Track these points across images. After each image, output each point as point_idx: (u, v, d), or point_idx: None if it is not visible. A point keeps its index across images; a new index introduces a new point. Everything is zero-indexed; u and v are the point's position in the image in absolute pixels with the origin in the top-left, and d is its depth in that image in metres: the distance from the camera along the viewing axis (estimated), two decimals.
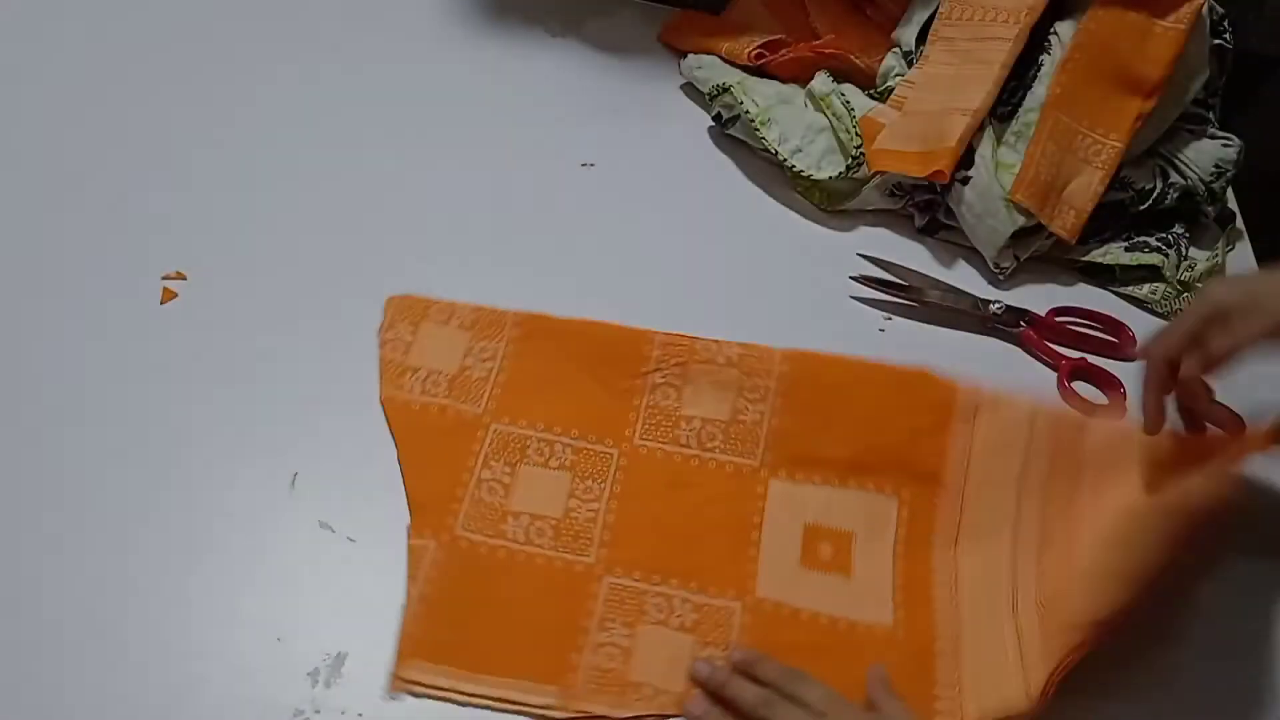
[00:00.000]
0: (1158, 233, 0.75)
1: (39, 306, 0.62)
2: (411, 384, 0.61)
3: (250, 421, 0.59)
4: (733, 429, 0.61)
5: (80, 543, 0.53)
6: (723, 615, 0.55)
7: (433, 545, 0.55)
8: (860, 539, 0.58)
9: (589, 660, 0.52)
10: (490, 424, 0.60)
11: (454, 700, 0.50)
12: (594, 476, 0.59)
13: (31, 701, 0.48)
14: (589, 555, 0.56)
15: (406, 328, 0.63)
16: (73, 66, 0.76)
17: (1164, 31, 0.72)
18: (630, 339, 0.64)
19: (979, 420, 0.62)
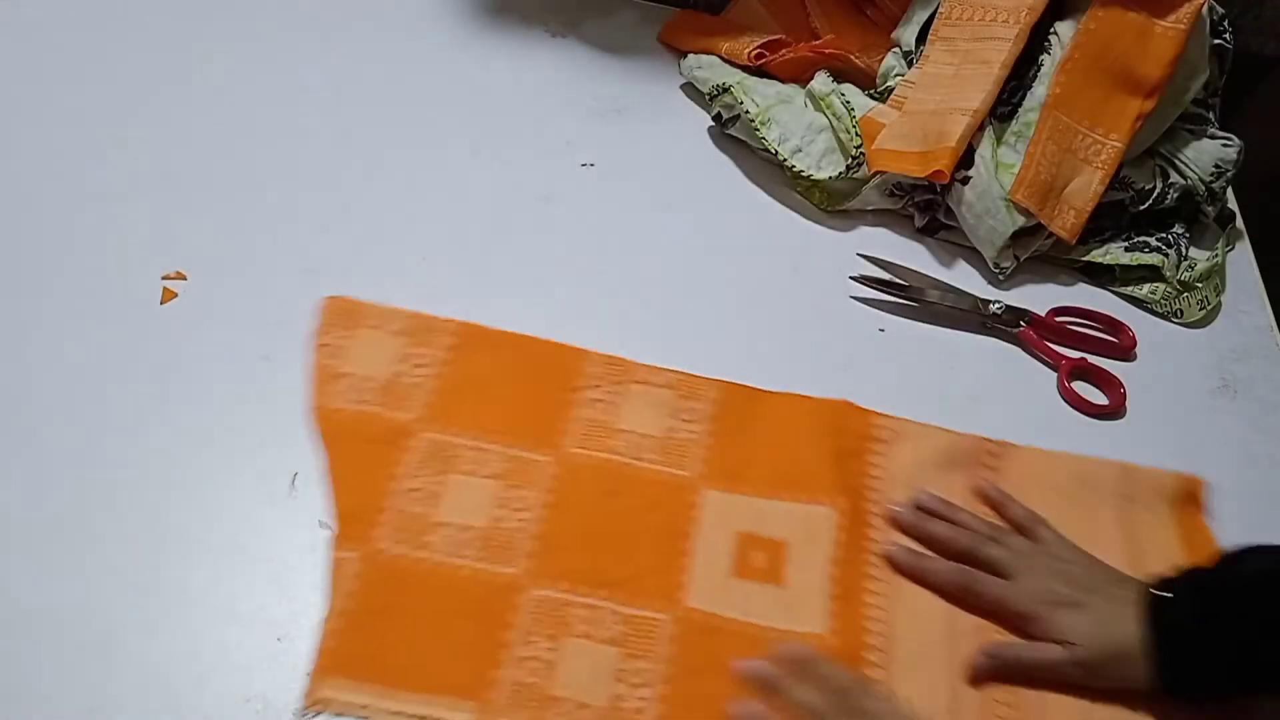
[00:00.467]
0: (1158, 233, 0.75)
1: (39, 306, 0.62)
2: (343, 390, 0.59)
3: (250, 421, 0.59)
4: (667, 444, 0.60)
5: (80, 542, 0.53)
6: (650, 626, 0.53)
7: (355, 558, 0.53)
8: (794, 548, 0.57)
9: (510, 675, 0.51)
10: (421, 432, 0.59)
11: (370, 718, 0.49)
12: (526, 485, 0.57)
13: (31, 701, 0.48)
14: (515, 567, 0.54)
15: (340, 333, 0.62)
16: (71, 66, 0.76)
17: (1164, 31, 0.72)
18: (567, 355, 0.63)
19: (899, 446, 0.62)
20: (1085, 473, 0.63)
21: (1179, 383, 0.70)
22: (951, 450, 0.62)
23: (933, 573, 0.57)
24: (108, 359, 0.60)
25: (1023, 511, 0.59)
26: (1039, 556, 0.57)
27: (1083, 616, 0.53)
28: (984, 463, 0.62)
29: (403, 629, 0.52)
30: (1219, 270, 0.75)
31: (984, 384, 0.67)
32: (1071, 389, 0.68)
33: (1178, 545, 0.60)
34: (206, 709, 0.49)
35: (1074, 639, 0.53)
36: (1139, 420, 0.67)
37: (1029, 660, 0.53)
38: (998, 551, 0.56)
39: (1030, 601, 0.54)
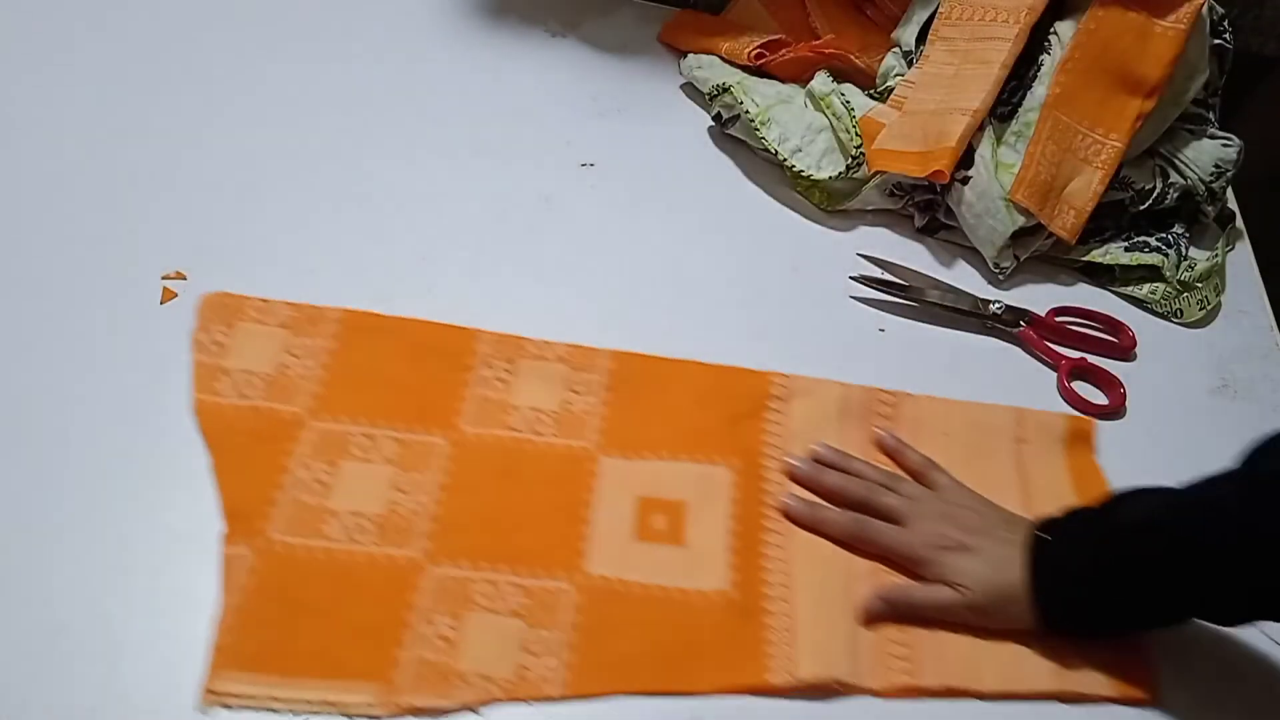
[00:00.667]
0: (1157, 233, 0.75)
1: (38, 305, 0.62)
2: (225, 387, 0.59)
3: None
4: (563, 417, 0.61)
5: (81, 542, 0.53)
6: (552, 597, 0.54)
7: (248, 553, 0.53)
8: (694, 507, 0.58)
9: (413, 654, 0.51)
10: (309, 422, 0.58)
11: (272, 709, 0.48)
12: (419, 468, 0.57)
13: (31, 701, 0.48)
14: (413, 549, 0.54)
15: (220, 329, 0.61)
16: (74, 66, 0.76)
17: (1164, 31, 0.72)
18: (458, 336, 0.63)
19: (794, 403, 0.63)
20: (979, 418, 0.65)
21: (1179, 383, 0.70)
22: (845, 402, 0.64)
23: (828, 522, 0.58)
24: (108, 358, 0.60)
25: (918, 458, 0.61)
26: (932, 501, 0.58)
27: (972, 560, 0.55)
28: (878, 412, 0.64)
29: (300, 618, 0.51)
30: (1219, 270, 0.75)
31: (984, 384, 0.67)
32: (1071, 389, 0.68)
33: (1070, 485, 0.62)
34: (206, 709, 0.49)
35: (964, 582, 0.55)
36: (1139, 420, 0.67)
37: (921, 602, 0.55)
38: (892, 499, 0.58)
39: (922, 546, 0.56)
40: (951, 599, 0.55)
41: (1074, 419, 0.65)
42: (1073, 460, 0.64)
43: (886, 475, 0.60)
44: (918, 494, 0.59)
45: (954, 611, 0.55)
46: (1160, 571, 0.51)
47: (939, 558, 0.55)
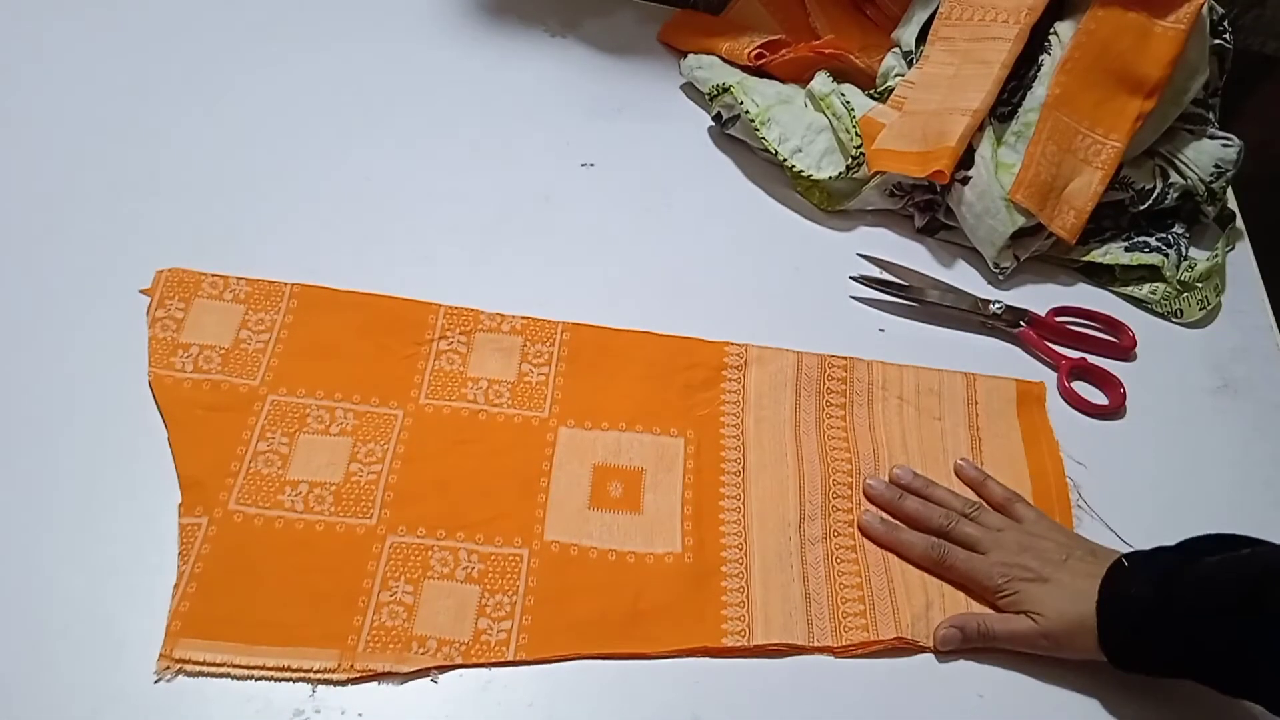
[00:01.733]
0: (1157, 233, 0.75)
1: (38, 305, 0.62)
2: (182, 362, 0.59)
3: None
4: (519, 388, 0.62)
5: (80, 542, 0.53)
6: (510, 563, 0.55)
7: (205, 522, 0.54)
8: (650, 474, 0.60)
9: (371, 620, 0.52)
10: (267, 395, 0.59)
11: (231, 675, 0.50)
12: (376, 439, 0.58)
13: (30, 701, 0.48)
14: (370, 518, 0.55)
15: (177, 304, 0.62)
16: (70, 65, 0.76)
17: (1164, 31, 0.72)
18: (413, 310, 0.64)
19: (749, 371, 0.65)
20: (930, 383, 0.66)
21: (1179, 383, 0.70)
22: (799, 369, 0.65)
23: (906, 545, 0.58)
24: (109, 358, 0.60)
25: (1001, 490, 0.61)
26: (1013, 532, 0.58)
27: (1049, 590, 0.55)
28: (832, 377, 0.65)
29: (259, 586, 0.52)
30: (1219, 270, 0.75)
31: None
32: (1071, 389, 0.68)
33: (1020, 445, 0.64)
34: (206, 709, 0.49)
35: (1040, 611, 0.54)
36: (1139, 420, 0.67)
37: (998, 633, 0.55)
38: (972, 529, 0.58)
39: (1000, 577, 0.56)
40: (1028, 629, 0.54)
41: (1024, 382, 0.67)
42: (1025, 421, 0.65)
43: (967, 504, 0.60)
44: (999, 524, 0.59)
45: (1029, 641, 0.55)
46: (1215, 632, 0.49)
47: (1018, 588, 0.55)
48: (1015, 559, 0.56)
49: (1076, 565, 0.55)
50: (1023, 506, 0.60)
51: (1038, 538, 0.58)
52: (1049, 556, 0.56)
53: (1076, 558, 0.56)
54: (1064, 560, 0.56)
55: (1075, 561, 0.56)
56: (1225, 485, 0.65)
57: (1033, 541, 0.57)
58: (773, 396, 0.63)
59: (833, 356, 0.66)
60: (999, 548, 0.57)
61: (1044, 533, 0.58)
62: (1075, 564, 0.55)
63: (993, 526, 0.59)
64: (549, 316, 0.65)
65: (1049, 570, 0.55)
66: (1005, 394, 0.66)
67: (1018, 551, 0.57)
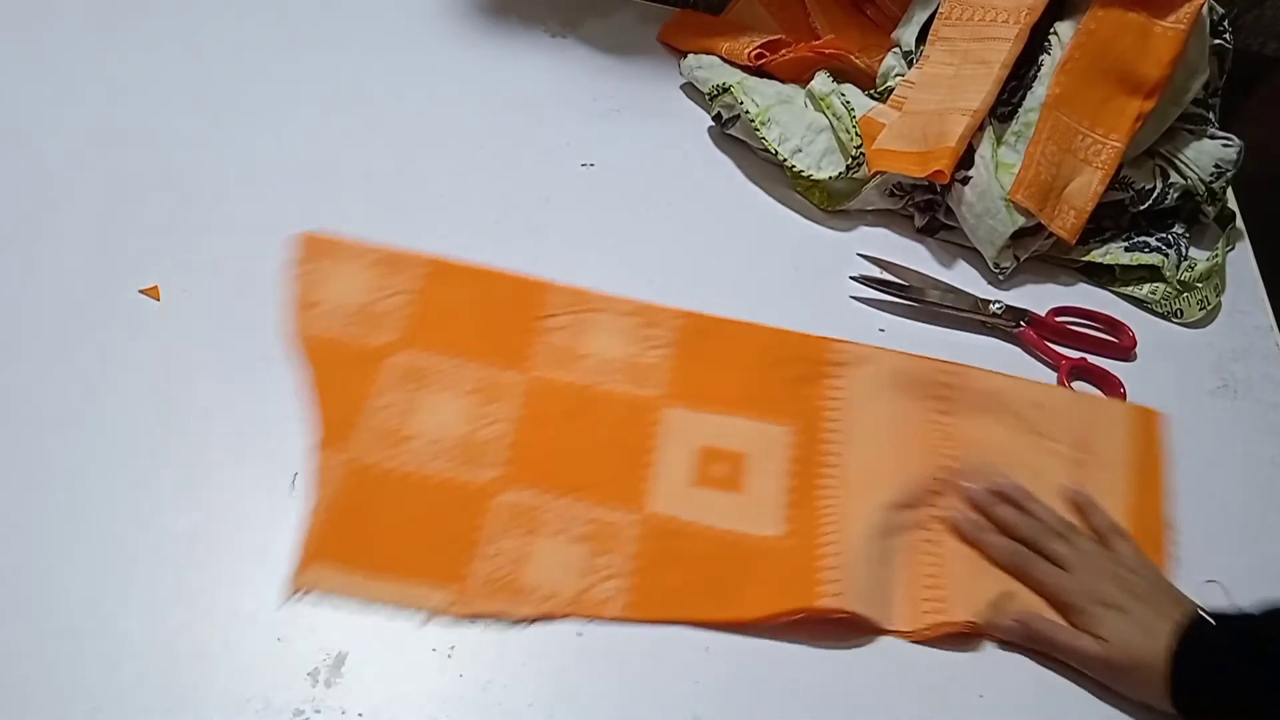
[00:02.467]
0: (1158, 233, 0.75)
1: (38, 305, 0.62)
2: (318, 316, 0.63)
3: (250, 422, 0.59)
4: (631, 367, 0.64)
5: (80, 543, 0.53)
6: (616, 528, 0.57)
7: (337, 463, 0.57)
8: (753, 459, 0.61)
9: (483, 568, 0.55)
10: (394, 354, 0.62)
11: (354, 600, 0.53)
12: (495, 402, 0.61)
13: (30, 701, 0.48)
14: (486, 474, 0.58)
15: (314, 265, 0.65)
16: (66, 63, 0.76)
17: (1164, 31, 0.72)
18: (532, 287, 0.67)
19: (855, 370, 0.65)
20: (1040, 398, 0.65)
21: (1179, 383, 0.70)
22: (908, 373, 0.65)
23: (991, 545, 0.58)
24: (108, 358, 0.60)
25: (1105, 521, 0.60)
26: (1103, 559, 0.57)
27: (1124, 620, 0.54)
28: (941, 383, 0.65)
29: (382, 526, 0.56)
30: (1219, 270, 0.75)
31: None
32: (1072, 389, 0.68)
33: (1125, 476, 0.63)
34: (206, 709, 0.49)
35: (1109, 637, 0.54)
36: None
37: (1063, 644, 0.55)
38: (1062, 547, 0.58)
39: (1079, 594, 0.56)
40: (1092, 650, 0.54)
41: (1138, 408, 0.66)
42: (1134, 452, 0.64)
43: (1063, 524, 0.59)
44: (1090, 549, 0.58)
45: (1090, 663, 0.54)
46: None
47: (1094, 610, 0.55)
48: (1099, 583, 0.56)
49: (1159, 604, 0.55)
50: (1122, 541, 0.59)
51: (1130, 571, 0.57)
52: (1133, 589, 0.55)
53: (1161, 597, 0.55)
54: (1147, 597, 0.55)
55: (1159, 600, 0.55)
56: (1225, 485, 0.65)
57: (1120, 572, 0.57)
58: (878, 396, 0.64)
59: (942, 361, 0.66)
60: (1084, 569, 0.57)
61: (1135, 568, 0.57)
62: (1158, 602, 0.55)
63: (1083, 549, 0.58)
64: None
65: (1129, 602, 0.55)
66: (1115, 417, 0.65)
67: (1103, 577, 0.56)
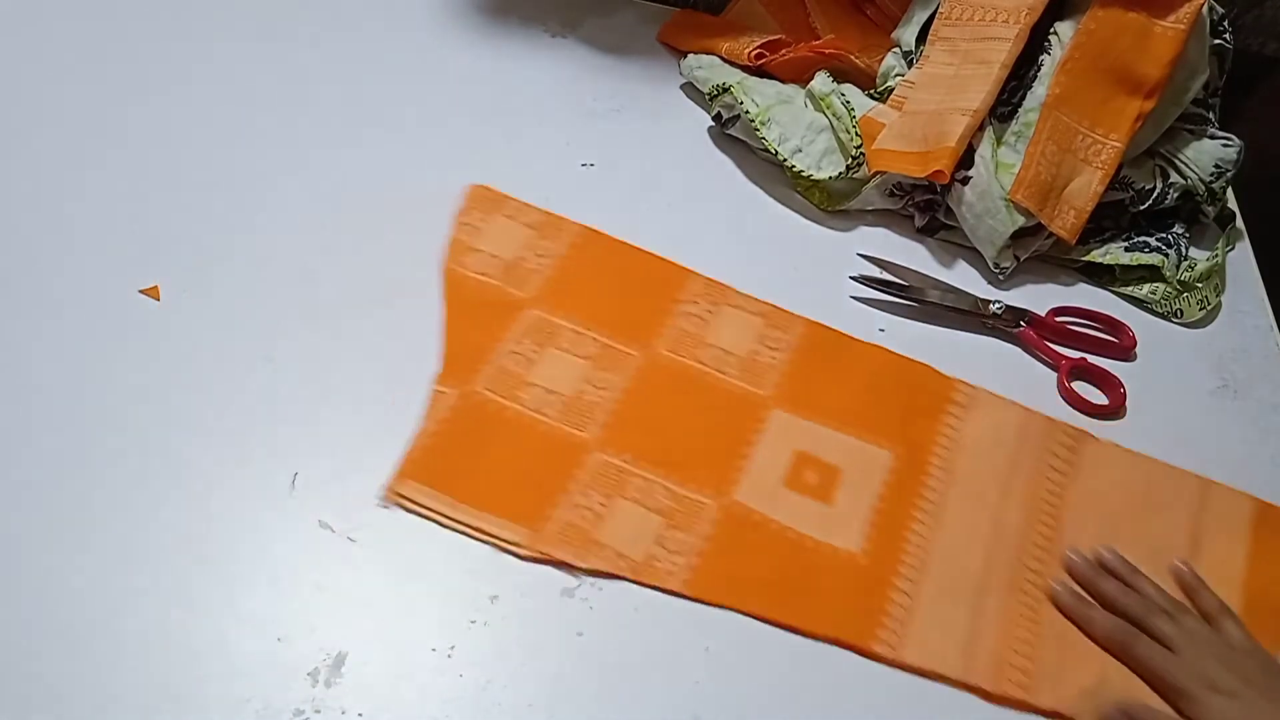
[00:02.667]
0: (1158, 233, 0.75)
1: (38, 304, 0.62)
2: (471, 262, 0.67)
3: (250, 421, 0.59)
4: (748, 363, 0.65)
5: (81, 543, 0.53)
6: (696, 508, 0.58)
7: (453, 395, 0.61)
8: (848, 475, 0.61)
9: (563, 515, 0.57)
10: (531, 308, 0.65)
11: (435, 519, 0.56)
12: (611, 370, 0.63)
13: (30, 701, 0.48)
14: (586, 432, 0.60)
15: (479, 215, 0.70)
16: (66, 63, 0.76)
17: (1164, 31, 0.72)
18: (673, 272, 0.69)
19: (974, 413, 0.64)
20: (1160, 476, 0.63)
21: (1179, 383, 0.70)
22: (1025, 429, 0.64)
23: (1094, 622, 0.56)
24: (108, 358, 0.60)
25: (1214, 601, 0.57)
26: (1213, 642, 0.55)
27: (1236, 705, 0.52)
28: (1059, 443, 0.64)
29: (479, 457, 0.59)
30: (1219, 270, 0.75)
31: (984, 384, 0.67)
32: (1071, 389, 0.68)
33: (1243, 570, 0.60)
34: (206, 709, 0.49)
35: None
36: (1139, 420, 0.67)
37: None
38: (1169, 626, 0.55)
39: (1189, 679, 0.53)
40: None
41: (1263, 503, 0.62)
42: (1256, 545, 0.61)
43: (1170, 601, 0.57)
44: (1199, 630, 0.55)
45: None
46: None
47: (1206, 697, 0.52)
48: (1207, 665, 0.53)
49: (1272, 690, 0.52)
50: (1233, 624, 0.56)
51: (1239, 653, 0.54)
52: (1244, 673, 0.53)
53: (1274, 682, 0.53)
54: (1259, 681, 0.53)
55: (1271, 687, 0.53)
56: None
57: (1231, 655, 0.54)
58: (991, 445, 0.63)
59: (1064, 425, 0.64)
60: (1191, 650, 0.54)
61: (1246, 650, 0.55)
62: (1270, 689, 0.52)
63: (1190, 629, 0.55)
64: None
65: (1240, 687, 0.52)
66: (1239, 509, 0.62)
67: (1214, 660, 0.53)
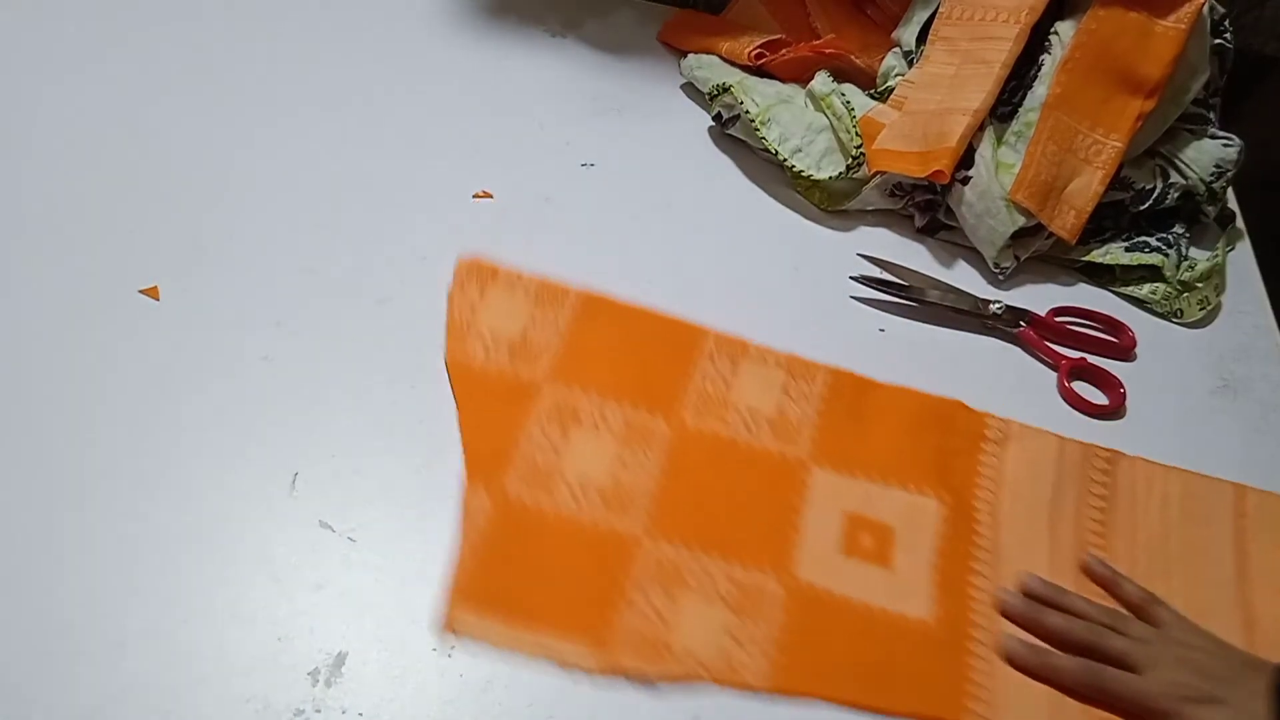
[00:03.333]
0: (1158, 233, 0.75)
1: (38, 304, 0.62)
2: (476, 348, 0.63)
3: (250, 421, 0.59)
4: (778, 422, 0.63)
5: (81, 543, 0.53)
6: (761, 592, 0.56)
7: (485, 499, 0.57)
8: (901, 534, 0.59)
9: (626, 622, 0.54)
10: (546, 387, 0.62)
11: (496, 647, 0.52)
12: (643, 447, 0.60)
13: (30, 701, 0.48)
14: (634, 522, 0.57)
15: (475, 290, 0.66)
16: (73, 64, 0.76)
17: (1164, 31, 0.72)
18: (686, 331, 0.66)
19: (1009, 448, 0.63)
20: (1197, 488, 0.63)
21: (1179, 383, 0.70)
22: (1060, 458, 0.63)
23: (1058, 670, 0.55)
24: (108, 359, 0.60)
25: (1137, 591, 0.58)
26: (1165, 645, 0.55)
27: (1222, 713, 0.52)
28: (1095, 467, 0.63)
29: (528, 570, 0.55)
30: (1219, 270, 0.75)
31: (984, 384, 0.67)
32: (1071, 389, 0.68)
33: None
34: (206, 709, 0.49)
35: None
36: (1139, 420, 0.67)
37: None
38: (1121, 643, 0.55)
39: (1164, 698, 0.53)
40: None
41: None
42: None
43: (1109, 614, 0.56)
44: (1147, 635, 0.55)
45: None
46: None
47: (1185, 710, 0.52)
48: (1176, 676, 0.53)
49: (1245, 682, 0.52)
50: (1161, 609, 0.57)
51: (1192, 649, 0.54)
52: (1214, 673, 0.53)
53: (1240, 671, 0.53)
54: (1228, 675, 0.53)
55: (1241, 677, 0.53)
56: None
57: (1188, 654, 0.54)
58: (1031, 478, 0.62)
59: (1097, 447, 0.64)
60: (1155, 664, 0.53)
61: (1195, 642, 0.55)
62: (1243, 680, 0.52)
63: (1139, 637, 0.55)
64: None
65: (1218, 689, 0.52)
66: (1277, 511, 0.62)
67: (1177, 667, 0.53)
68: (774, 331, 0.67)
